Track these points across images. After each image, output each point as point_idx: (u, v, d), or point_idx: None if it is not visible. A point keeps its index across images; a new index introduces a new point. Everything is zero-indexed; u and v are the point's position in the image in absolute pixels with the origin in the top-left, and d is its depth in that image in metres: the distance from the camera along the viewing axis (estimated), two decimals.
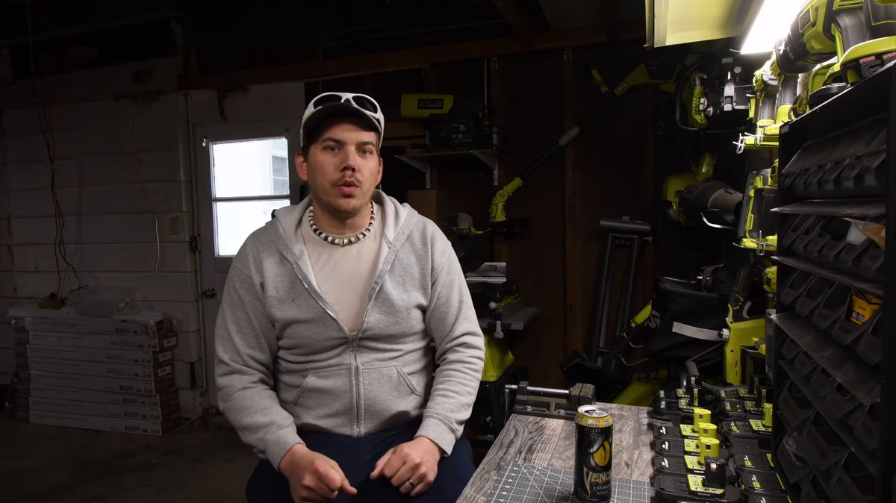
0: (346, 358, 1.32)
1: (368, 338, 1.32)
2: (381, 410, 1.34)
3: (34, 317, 3.93)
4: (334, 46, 3.55)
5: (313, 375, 1.32)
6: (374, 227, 1.40)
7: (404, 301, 1.34)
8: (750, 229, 1.38)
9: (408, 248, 1.38)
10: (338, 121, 1.28)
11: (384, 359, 1.34)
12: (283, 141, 3.78)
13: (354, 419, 1.33)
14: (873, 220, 0.61)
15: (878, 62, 0.70)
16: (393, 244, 1.36)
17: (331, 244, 1.36)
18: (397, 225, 1.39)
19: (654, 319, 2.02)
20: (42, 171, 4.08)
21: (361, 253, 1.36)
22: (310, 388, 1.33)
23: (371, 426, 1.35)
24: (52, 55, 3.99)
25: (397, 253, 1.36)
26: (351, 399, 1.32)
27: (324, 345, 1.31)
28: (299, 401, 1.35)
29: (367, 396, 1.32)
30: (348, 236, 1.36)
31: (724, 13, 1.45)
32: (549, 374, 3.22)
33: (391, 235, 1.37)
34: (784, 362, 0.90)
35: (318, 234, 1.37)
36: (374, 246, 1.37)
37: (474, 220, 3.17)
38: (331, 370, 1.32)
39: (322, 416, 1.33)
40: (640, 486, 1.02)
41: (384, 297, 1.32)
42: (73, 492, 2.94)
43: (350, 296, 1.33)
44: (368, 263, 1.35)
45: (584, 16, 2.91)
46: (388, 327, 1.33)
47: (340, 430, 1.33)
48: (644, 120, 3.03)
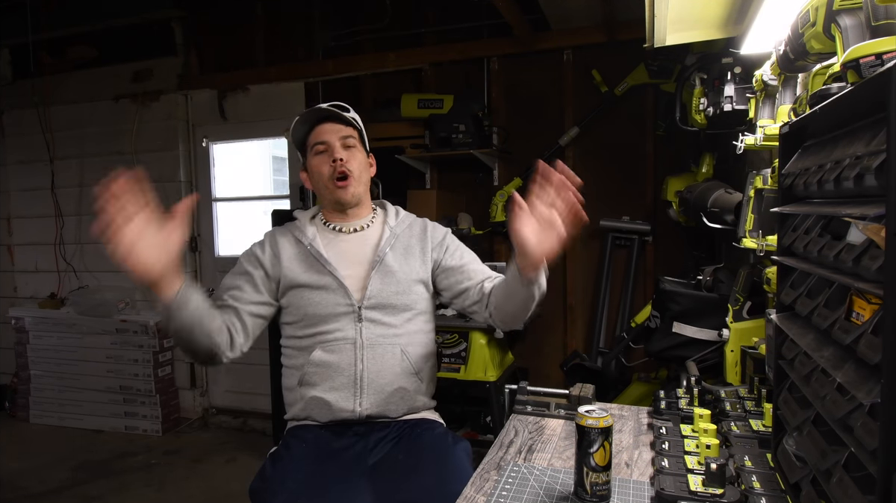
0: (350, 331, 1.38)
1: (372, 306, 1.39)
2: (384, 385, 1.38)
3: (34, 317, 3.94)
4: (334, 46, 3.55)
5: (320, 349, 1.38)
6: (378, 219, 1.56)
7: (405, 272, 1.44)
8: (750, 229, 1.38)
9: (408, 231, 1.53)
10: (318, 125, 1.47)
11: (388, 336, 1.40)
12: (283, 141, 3.77)
13: (357, 393, 1.36)
14: (873, 220, 0.61)
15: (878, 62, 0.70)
16: (394, 229, 1.51)
17: (339, 232, 1.51)
18: (398, 217, 1.56)
19: (654, 319, 2.02)
20: (42, 171, 4.08)
21: (366, 237, 1.51)
22: (316, 363, 1.37)
23: (372, 401, 1.37)
24: (52, 55, 3.99)
25: (398, 235, 1.50)
26: (354, 372, 1.36)
27: (330, 313, 1.38)
28: (304, 380, 1.39)
29: (371, 369, 1.37)
30: (354, 225, 1.52)
31: (724, 13, 1.45)
32: (549, 374, 3.22)
33: (392, 223, 1.52)
34: (784, 362, 0.90)
35: (327, 225, 1.53)
36: (377, 232, 1.52)
37: (474, 219, 3.17)
38: (336, 344, 1.38)
39: (326, 390, 1.37)
40: (640, 486, 1.02)
41: (386, 269, 1.43)
42: (73, 492, 2.94)
43: (355, 267, 1.44)
44: (372, 243, 1.49)
45: (584, 16, 2.91)
46: (391, 297, 1.41)
47: (343, 404, 1.36)
48: (644, 120, 3.03)
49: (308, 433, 1.37)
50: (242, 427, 3.83)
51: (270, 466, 1.31)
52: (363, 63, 3.48)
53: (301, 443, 1.34)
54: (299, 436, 1.37)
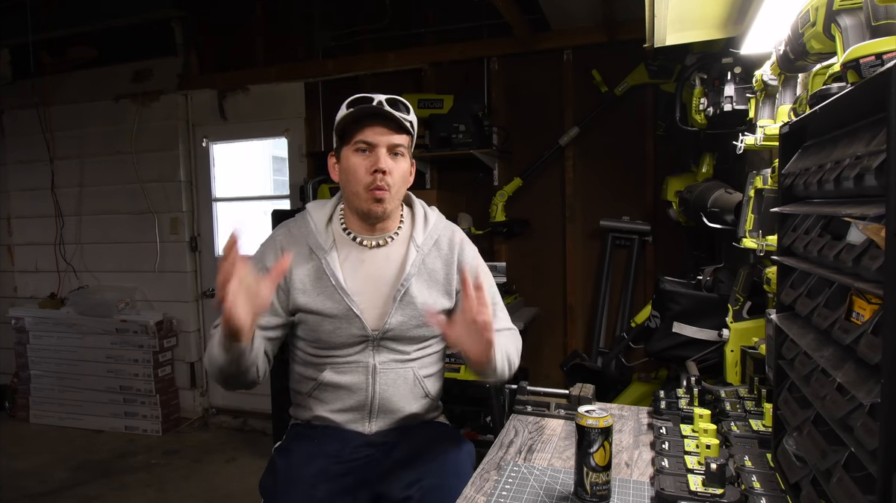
0: (364, 356, 1.32)
1: (389, 338, 1.33)
2: (395, 410, 1.35)
3: (34, 317, 3.94)
4: (334, 46, 3.55)
5: (331, 370, 1.33)
6: (404, 230, 1.40)
7: (428, 305, 1.34)
8: (750, 229, 1.38)
9: (435, 252, 1.39)
10: (369, 123, 1.27)
11: (402, 361, 1.35)
12: (283, 141, 3.77)
13: (367, 416, 1.34)
14: (873, 220, 0.61)
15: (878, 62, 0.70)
16: (421, 248, 1.37)
17: (359, 245, 1.36)
18: (426, 229, 1.40)
19: (654, 319, 2.02)
20: (42, 171, 4.08)
21: (389, 256, 1.36)
22: (326, 383, 1.33)
23: (383, 424, 1.35)
24: (52, 55, 3.99)
25: (424, 258, 1.37)
26: (366, 396, 1.33)
27: (345, 342, 1.31)
28: (314, 394, 1.35)
29: (383, 396, 1.33)
30: (377, 239, 1.37)
31: (724, 13, 1.45)
32: (549, 374, 3.23)
33: (420, 239, 1.37)
34: (784, 362, 0.90)
35: (347, 234, 1.37)
36: (402, 249, 1.37)
37: (474, 219, 3.17)
38: (349, 367, 1.33)
39: (336, 411, 1.34)
40: (640, 486, 1.02)
41: (409, 300, 1.33)
42: (73, 492, 2.94)
43: (375, 296, 1.33)
44: (396, 266, 1.35)
45: (584, 16, 2.91)
46: (410, 330, 1.33)
47: (352, 426, 1.34)
48: (644, 120, 3.03)
49: (314, 432, 1.36)
50: (242, 427, 3.83)
51: (280, 460, 1.30)
52: (363, 63, 3.48)
53: (308, 441, 1.33)
54: (304, 433, 1.37)
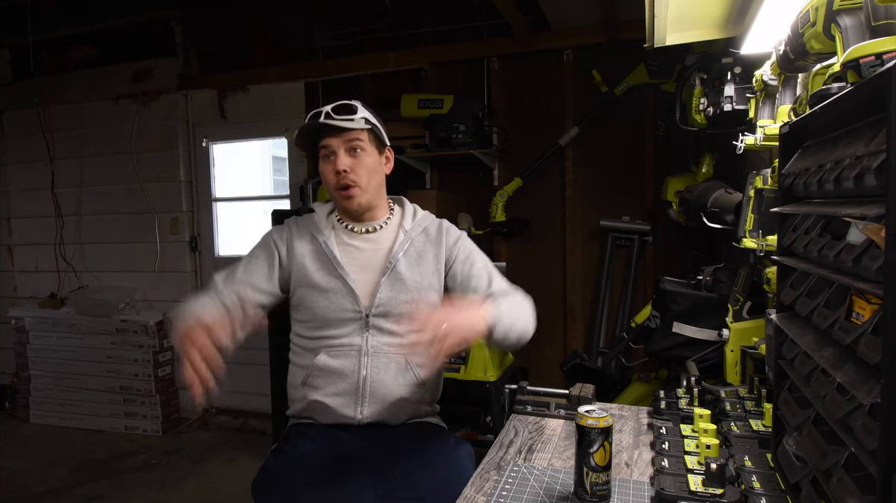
0: (356, 338, 1.37)
1: (380, 314, 1.37)
2: (386, 394, 1.37)
3: (34, 317, 3.93)
4: (334, 46, 3.55)
5: (325, 353, 1.37)
6: (394, 220, 1.51)
7: (416, 281, 1.41)
8: (750, 229, 1.38)
9: (423, 237, 1.47)
10: (326, 131, 1.38)
11: (393, 345, 1.38)
12: (283, 141, 3.77)
13: (358, 400, 1.36)
14: (873, 220, 0.61)
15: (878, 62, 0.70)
16: (409, 233, 1.46)
17: (352, 232, 1.47)
18: (415, 219, 1.50)
19: (654, 319, 2.02)
20: (42, 171, 4.08)
21: (380, 239, 1.46)
22: (320, 367, 1.37)
23: (374, 409, 1.36)
24: (52, 55, 3.98)
25: (413, 240, 1.45)
26: (357, 379, 1.35)
27: (338, 318, 1.36)
28: (307, 381, 1.38)
29: (373, 379, 1.36)
30: (367, 226, 1.47)
31: (724, 13, 1.45)
32: (549, 374, 3.22)
33: (408, 226, 1.48)
34: (784, 362, 0.90)
35: (341, 224, 1.49)
36: (392, 234, 1.47)
37: (474, 219, 3.17)
38: (341, 350, 1.37)
39: (329, 394, 1.37)
40: (640, 486, 1.02)
41: (397, 276, 1.39)
42: (73, 492, 2.94)
43: (367, 274, 1.40)
44: (386, 248, 1.44)
45: (584, 16, 2.91)
46: (399, 305, 1.38)
47: (344, 411, 1.36)
48: (644, 120, 3.03)
49: (310, 430, 1.37)
50: (242, 427, 3.83)
51: (272, 462, 1.32)
52: (363, 63, 3.48)
53: (303, 441, 1.34)
54: (302, 433, 1.37)
